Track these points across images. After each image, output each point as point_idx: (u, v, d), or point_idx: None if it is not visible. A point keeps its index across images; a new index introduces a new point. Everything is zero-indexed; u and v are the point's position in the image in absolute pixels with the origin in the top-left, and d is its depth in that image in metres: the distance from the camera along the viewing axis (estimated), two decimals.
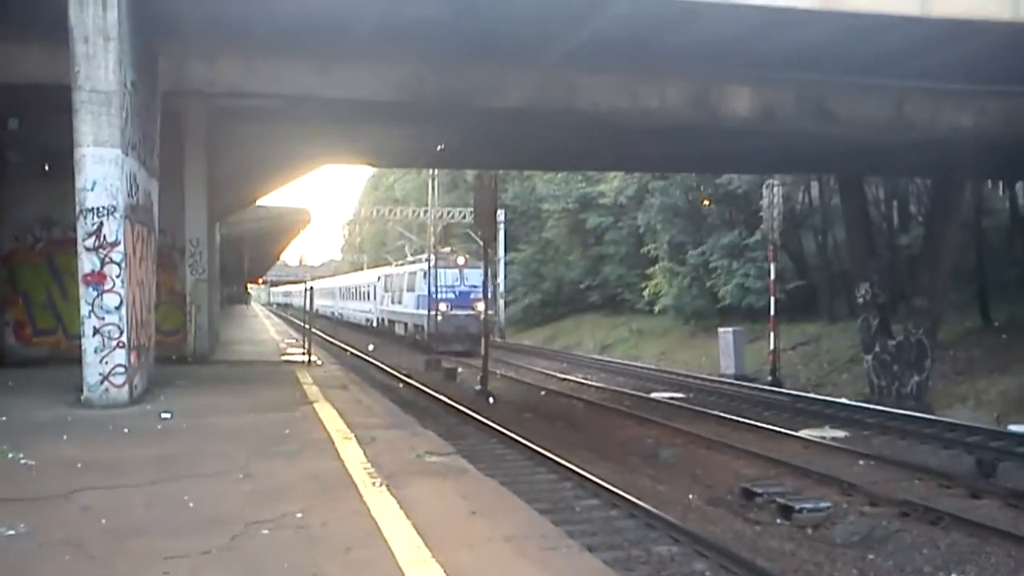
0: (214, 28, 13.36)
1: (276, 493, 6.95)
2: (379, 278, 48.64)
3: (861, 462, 13.95)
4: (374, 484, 7.28)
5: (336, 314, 65.76)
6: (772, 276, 26.43)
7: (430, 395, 20.73)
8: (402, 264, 43.74)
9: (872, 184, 29.14)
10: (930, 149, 18.76)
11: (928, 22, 12.53)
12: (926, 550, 9.54)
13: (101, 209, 11.15)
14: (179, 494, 6.77)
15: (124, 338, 11.29)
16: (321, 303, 70.89)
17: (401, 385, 23.49)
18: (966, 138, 17.28)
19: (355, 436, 9.56)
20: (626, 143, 19.96)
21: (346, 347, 37.10)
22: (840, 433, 16.75)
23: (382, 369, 27.64)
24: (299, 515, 6.27)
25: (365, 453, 8.61)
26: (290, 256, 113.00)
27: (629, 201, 41.24)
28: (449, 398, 19.64)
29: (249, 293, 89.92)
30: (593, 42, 13.45)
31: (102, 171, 11.11)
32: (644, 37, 13.78)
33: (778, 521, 10.63)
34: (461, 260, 36.26)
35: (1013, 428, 16.87)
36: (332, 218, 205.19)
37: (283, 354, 22.53)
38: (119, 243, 11.28)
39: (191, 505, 6.51)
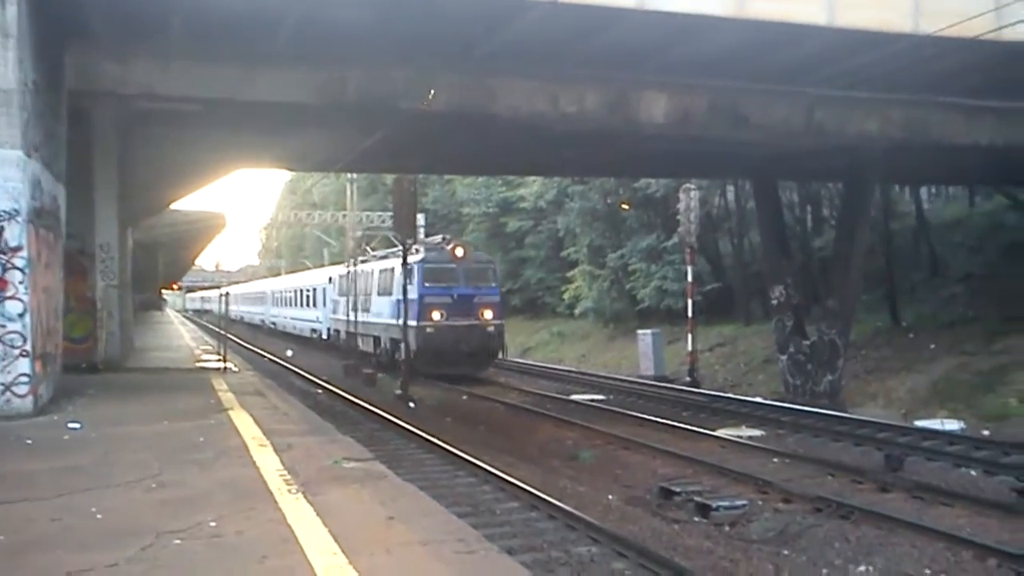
0: (125, 27, 13.02)
1: (189, 502, 6.80)
2: (331, 279, 38.68)
3: (776, 460, 14.22)
4: (290, 491, 7.18)
5: (267, 323, 56.57)
6: (689, 279, 26.83)
7: (349, 400, 20.51)
8: (366, 260, 33.99)
9: (786, 188, 29.86)
10: (840, 154, 19.30)
11: (835, 32, 12.90)
12: (838, 544, 9.77)
13: (2, 213, 10.80)
14: (86, 506, 6.58)
15: (28, 346, 10.94)
16: (247, 310, 66.02)
17: (319, 391, 23.20)
18: (873, 144, 17.84)
19: (271, 443, 9.43)
20: (546, 148, 20.08)
21: (264, 353, 36.51)
22: (756, 432, 17.07)
23: (300, 375, 27.26)
24: (213, 524, 6.15)
25: (281, 460, 8.50)
26: (206, 261, 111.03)
27: (549, 205, 41.50)
28: (369, 403, 19.45)
29: (164, 299, 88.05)
30: (513, 47, 13.51)
31: (2, 174, 10.76)
32: (562, 42, 13.89)
33: (696, 519, 10.78)
34: (460, 252, 26.47)
35: (919, 424, 17.45)
36: (249, 222, 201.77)
37: (198, 361, 22.10)
38: (22, 248, 10.93)
39: (99, 517, 6.33)
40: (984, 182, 29.96)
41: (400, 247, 24.95)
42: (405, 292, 23.34)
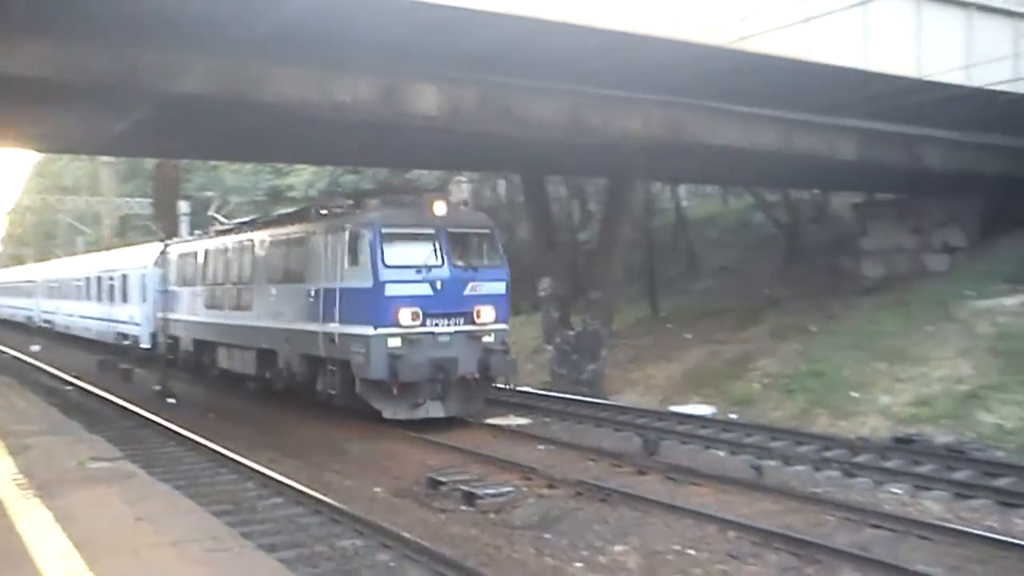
0: None
1: None
2: (160, 260, 25.33)
3: (542, 447, 14.60)
4: (24, 496, 6.64)
5: (38, 321, 43.41)
6: None
7: (103, 398, 19.26)
8: (231, 229, 22.61)
9: (556, 182, 30.78)
10: (604, 151, 20.02)
11: (599, 32, 13.30)
12: (597, 526, 10.15)
13: None
14: None
15: None
16: (6, 304, 53.14)
17: (69, 388, 21.62)
18: (635, 142, 18.61)
19: (5, 444, 8.69)
20: (317, 136, 19.62)
21: (3, 349, 33.70)
22: (523, 420, 17.44)
23: (47, 372, 25.31)
24: None
25: (16, 463, 7.86)
26: None
27: (320, 194, 40.74)
28: (125, 400, 18.35)
29: None
30: (282, 31, 13.02)
31: None
32: (331, 29, 13.54)
33: (462, 508, 10.92)
34: (441, 207, 16.58)
35: (674, 409, 18.46)
36: None
37: None
38: None
39: None
40: (735, 182, 32.17)
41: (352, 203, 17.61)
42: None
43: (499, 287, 16.89)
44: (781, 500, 11.04)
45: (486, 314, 16.27)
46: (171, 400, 19.38)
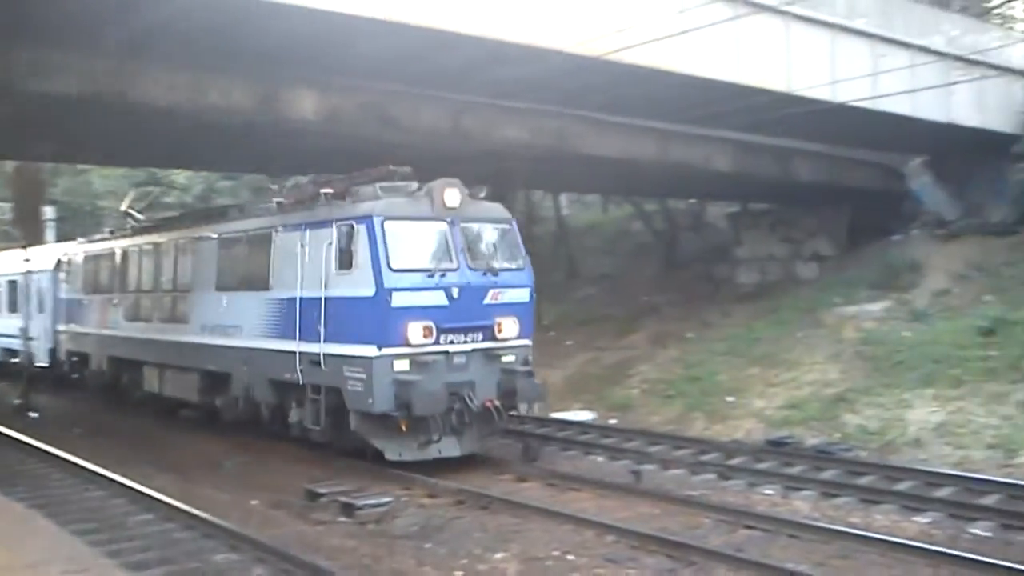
0: None
1: None
2: (62, 262, 23.21)
3: None
4: None
5: None
6: None
7: None
8: (153, 226, 20.45)
9: None
10: (487, 159, 20.09)
11: (482, 42, 13.31)
12: (477, 534, 10.14)
13: None
14: None
15: None
16: None
17: None
18: (516, 151, 18.78)
19: None
20: (192, 140, 19.10)
21: None
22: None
23: None
24: None
25: None
26: None
27: (196, 200, 39.63)
28: None
29: None
30: (157, 33, 12.64)
31: None
32: (208, 32, 13.15)
33: (341, 519, 10.77)
34: (454, 196, 13.72)
35: (556, 416, 18.62)
36: None
37: None
38: None
39: None
40: (615, 191, 32.75)
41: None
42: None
43: (523, 294, 14.11)
44: (659, 503, 11.25)
45: (508, 328, 13.50)
46: (33, 414, 18.47)
